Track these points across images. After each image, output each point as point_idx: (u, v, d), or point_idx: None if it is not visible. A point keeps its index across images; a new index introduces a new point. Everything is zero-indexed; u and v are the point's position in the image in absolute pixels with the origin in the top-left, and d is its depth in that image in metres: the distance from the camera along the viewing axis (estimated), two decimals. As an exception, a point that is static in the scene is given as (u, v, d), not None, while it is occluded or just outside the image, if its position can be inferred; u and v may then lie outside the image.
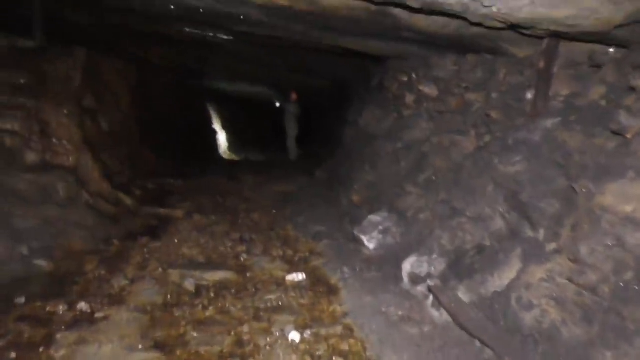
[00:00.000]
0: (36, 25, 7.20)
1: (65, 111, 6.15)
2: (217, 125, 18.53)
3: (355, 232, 5.24)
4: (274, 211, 7.33)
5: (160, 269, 4.40)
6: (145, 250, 4.91)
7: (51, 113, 6.03)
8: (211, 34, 7.49)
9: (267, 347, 3.26)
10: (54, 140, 5.95)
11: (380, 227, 5.16)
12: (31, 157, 5.57)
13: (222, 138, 18.66)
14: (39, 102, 6.02)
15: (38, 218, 4.65)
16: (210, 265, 4.64)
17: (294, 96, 14.25)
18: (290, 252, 5.24)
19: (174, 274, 4.29)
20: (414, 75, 6.51)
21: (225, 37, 7.76)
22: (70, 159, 6.05)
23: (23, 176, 5.04)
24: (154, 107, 11.94)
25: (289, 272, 4.60)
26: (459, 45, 5.38)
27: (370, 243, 5.07)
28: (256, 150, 20.07)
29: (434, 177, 5.44)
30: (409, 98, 6.40)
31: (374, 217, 5.32)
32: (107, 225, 5.40)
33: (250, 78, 13.87)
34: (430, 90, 6.07)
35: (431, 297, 3.86)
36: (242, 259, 4.91)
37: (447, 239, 4.37)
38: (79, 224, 5.00)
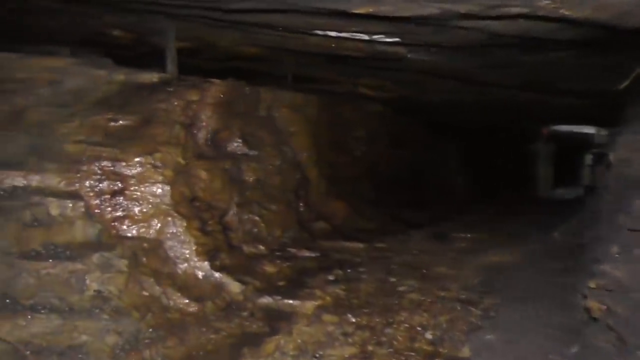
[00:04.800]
0: (169, 54, 6.00)
1: (153, 161, 4.58)
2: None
3: None
4: (459, 308, 4.57)
5: None
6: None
7: (133, 166, 4.51)
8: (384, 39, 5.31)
9: None
10: (129, 204, 4.39)
11: None
12: (83, 231, 4.08)
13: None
14: (122, 152, 4.58)
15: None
16: None
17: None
18: None
19: None
20: None
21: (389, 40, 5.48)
22: (152, 228, 4.41)
23: (25, 265, 3.48)
24: (353, 146, 10.10)
25: None
26: None
27: None
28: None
29: None
30: None
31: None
32: (152, 343, 3.48)
33: (478, 107, 11.05)
34: None
35: None
36: None
37: None
38: (80, 349, 3.16)
